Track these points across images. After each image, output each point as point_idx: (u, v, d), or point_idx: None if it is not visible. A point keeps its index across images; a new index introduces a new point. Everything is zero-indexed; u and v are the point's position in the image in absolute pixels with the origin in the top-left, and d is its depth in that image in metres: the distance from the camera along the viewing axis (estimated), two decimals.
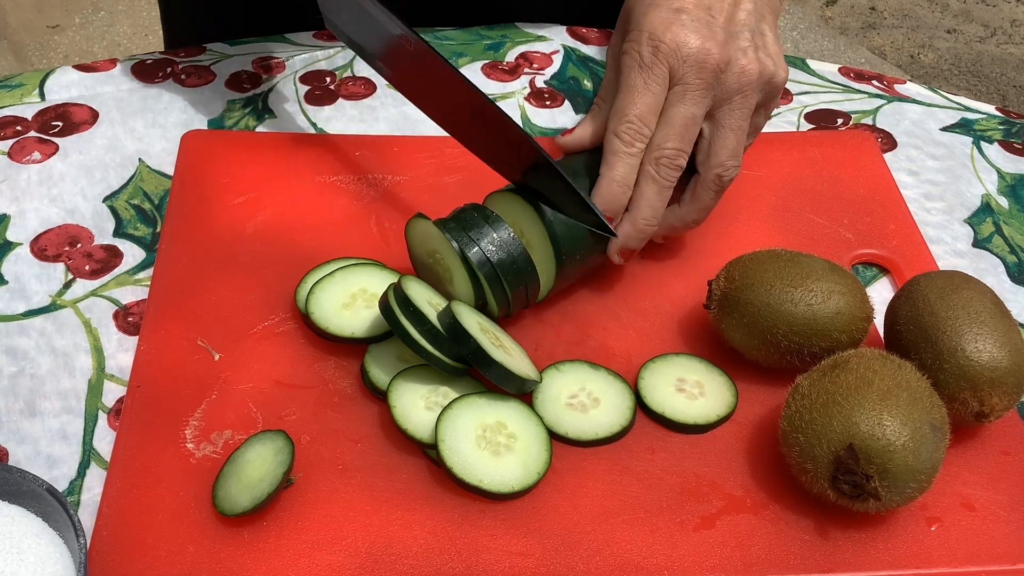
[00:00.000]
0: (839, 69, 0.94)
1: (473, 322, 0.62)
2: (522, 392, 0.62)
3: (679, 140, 0.68)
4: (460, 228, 0.64)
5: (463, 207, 0.66)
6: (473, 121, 0.68)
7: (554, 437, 0.62)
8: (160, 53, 0.87)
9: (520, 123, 0.84)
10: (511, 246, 0.64)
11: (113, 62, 0.86)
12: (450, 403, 0.61)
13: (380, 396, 0.63)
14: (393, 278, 0.67)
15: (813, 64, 0.94)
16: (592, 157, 0.71)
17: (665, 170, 0.68)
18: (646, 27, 0.68)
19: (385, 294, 0.62)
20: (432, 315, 0.61)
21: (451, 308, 0.61)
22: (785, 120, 0.88)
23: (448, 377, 0.63)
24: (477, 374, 0.63)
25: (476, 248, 0.63)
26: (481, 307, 0.65)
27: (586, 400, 0.64)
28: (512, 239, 0.64)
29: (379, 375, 0.63)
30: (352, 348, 0.65)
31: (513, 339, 0.66)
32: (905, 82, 0.94)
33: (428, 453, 0.60)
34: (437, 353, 0.61)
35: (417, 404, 0.61)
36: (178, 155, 0.78)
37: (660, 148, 0.68)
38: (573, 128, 0.74)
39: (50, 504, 0.53)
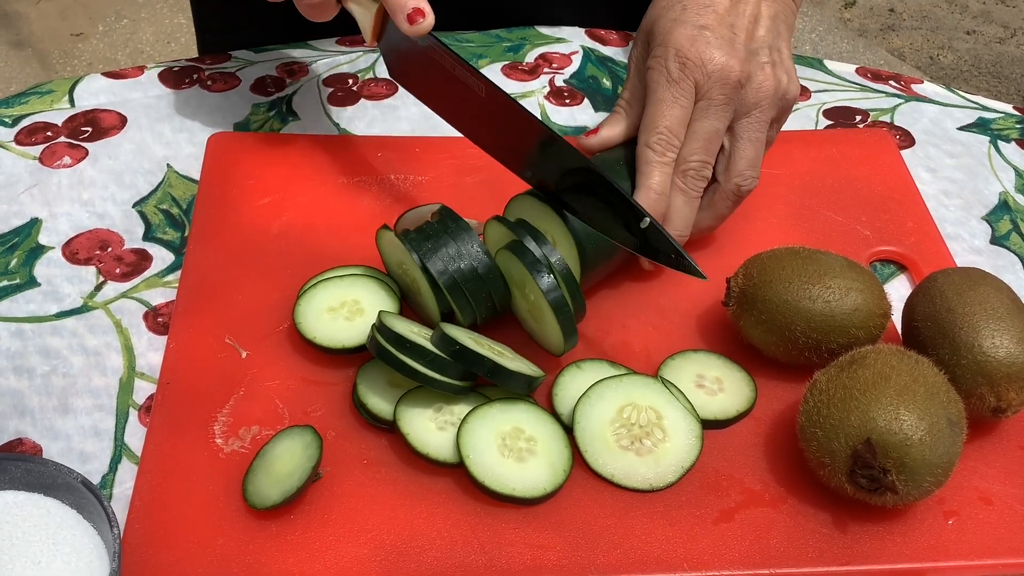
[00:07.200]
0: (856, 69, 0.94)
1: (470, 340, 0.62)
2: (532, 391, 0.63)
3: (704, 153, 0.70)
4: (421, 239, 0.65)
5: (431, 219, 0.67)
6: (522, 145, 0.69)
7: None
8: (187, 60, 0.89)
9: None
10: (472, 256, 0.64)
11: (141, 69, 0.87)
12: (463, 419, 0.61)
13: (384, 427, 0.62)
14: (391, 295, 0.68)
15: (830, 64, 0.95)
16: (626, 152, 0.72)
17: (692, 181, 0.70)
18: (672, 43, 0.70)
19: (372, 337, 0.61)
20: (429, 346, 0.61)
21: (447, 335, 0.61)
22: (804, 116, 0.88)
23: (450, 395, 0.62)
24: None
25: (434, 258, 0.64)
26: (448, 316, 0.65)
27: None
28: (474, 248, 0.64)
29: (379, 404, 0.62)
30: None
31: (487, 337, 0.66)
32: (923, 82, 0.94)
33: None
34: (445, 379, 0.61)
35: (429, 427, 0.61)
36: (204, 157, 0.79)
37: (687, 161, 0.70)
38: (597, 128, 0.75)
39: (84, 496, 0.54)
